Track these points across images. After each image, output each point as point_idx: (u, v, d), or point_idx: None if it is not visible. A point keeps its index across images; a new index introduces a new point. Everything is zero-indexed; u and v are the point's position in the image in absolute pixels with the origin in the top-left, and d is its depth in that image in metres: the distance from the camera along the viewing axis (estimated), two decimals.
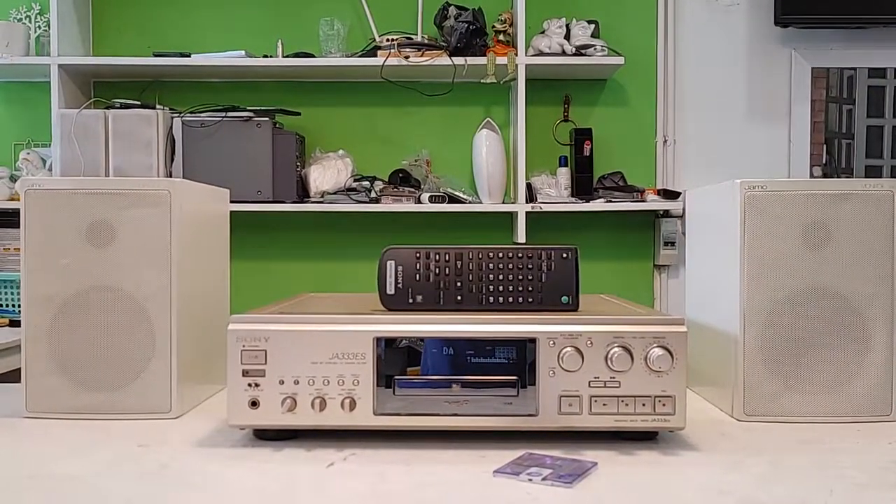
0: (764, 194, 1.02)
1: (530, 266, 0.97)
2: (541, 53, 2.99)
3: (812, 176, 3.39)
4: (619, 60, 2.98)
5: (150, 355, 1.02)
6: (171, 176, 2.90)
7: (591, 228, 3.17)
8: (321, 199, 2.98)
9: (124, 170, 2.85)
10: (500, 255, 0.97)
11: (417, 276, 0.97)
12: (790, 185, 1.02)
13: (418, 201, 2.99)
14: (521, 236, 2.96)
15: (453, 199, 2.99)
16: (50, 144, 3.00)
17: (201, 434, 0.95)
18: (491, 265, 0.97)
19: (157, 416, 1.02)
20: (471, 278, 0.97)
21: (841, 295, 1.01)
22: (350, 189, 2.99)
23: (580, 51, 2.97)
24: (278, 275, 3.19)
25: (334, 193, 2.98)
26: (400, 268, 0.97)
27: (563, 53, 2.98)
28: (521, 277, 0.97)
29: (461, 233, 3.16)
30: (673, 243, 3.13)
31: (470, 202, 3.01)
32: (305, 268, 3.20)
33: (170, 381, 1.02)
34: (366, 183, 3.01)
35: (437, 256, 0.97)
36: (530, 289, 0.97)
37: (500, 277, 0.97)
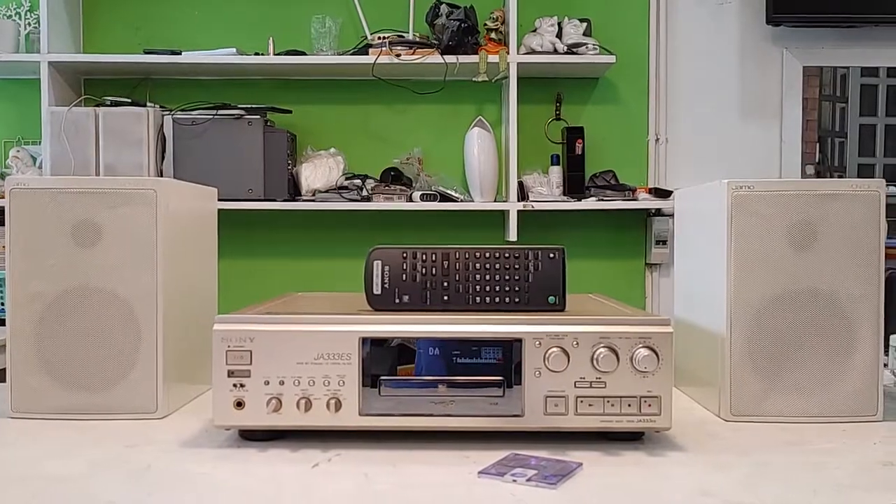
0: (751, 194, 1.02)
1: (517, 266, 0.97)
2: (533, 52, 2.99)
3: (805, 174, 3.40)
4: (611, 59, 2.98)
5: (136, 356, 1.01)
6: (161, 174, 2.89)
7: (583, 227, 3.17)
8: (312, 198, 2.97)
9: (115, 168, 2.84)
10: (487, 255, 0.97)
11: (404, 275, 0.96)
12: (777, 185, 1.02)
13: (410, 199, 2.98)
14: (512, 235, 2.96)
15: (445, 198, 2.99)
16: (40, 142, 2.99)
17: (187, 434, 0.95)
18: (478, 265, 0.97)
19: (143, 416, 1.02)
20: (457, 278, 0.96)
21: (827, 295, 1.01)
22: (341, 187, 2.99)
23: (572, 49, 2.97)
24: (269, 273, 3.19)
25: (326, 192, 2.98)
26: (386, 268, 0.97)
27: (555, 52, 2.98)
28: (507, 277, 0.96)
29: (453, 231, 3.15)
30: (664, 242, 3.14)
31: (462, 200, 3.01)
32: (296, 266, 3.20)
33: (156, 381, 1.02)
34: (357, 181, 3.01)
35: (424, 256, 0.97)
36: (517, 289, 0.96)
37: (487, 277, 0.96)
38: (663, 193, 3.03)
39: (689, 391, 1.17)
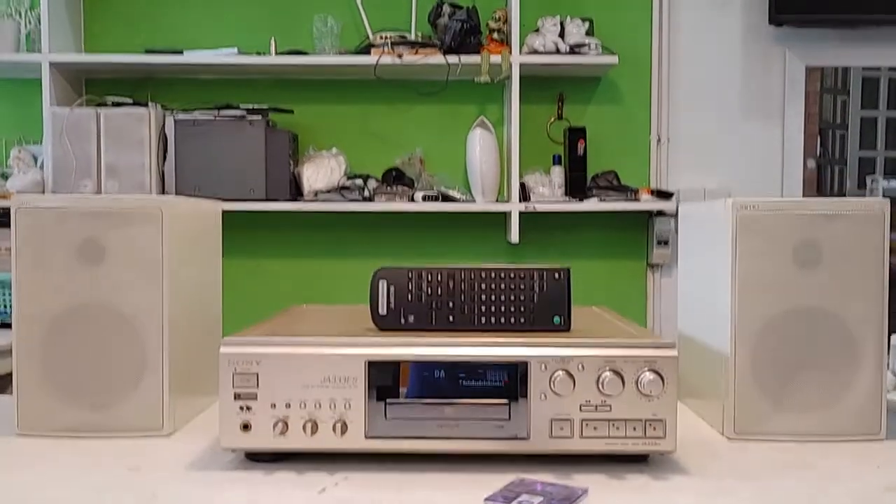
0: (756, 214, 1.02)
1: (522, 286, 0.97)
2: (535, 52, 2.99)
3: (806, 168, 3.39)
4: (613, 59, 2.97)
5: (141, 374, 1.02)
6: (163, 174, 2.89)
7: (585, 228, 3.17)
8: (314, 198, 2.97)
9: (116, 168, 2.84)
10: (493, 275, 0.97)
11: (409, 296, 0.97)
12: (782, 204, 1.02)
13: (412, 200, 2.98)
14: (514, 236, 2.96)
15: (447, 198, 2.99)
16: (41, 142, 2.98)
17: (193, 455, 0.95)
18: (483, 285, 0.97)
19: (149, 433, 1.02)
20: (463, 298, 0.97)
21: (832, 315, 1.01)
22: (343, 188, 2.99)
23: (574, 49, 2.97)
24: (271, 273, 3.19)
25: (327, 192, 2.97)
26: (392, 288, 0.97)
27: (558, 52, 2.97)
28: (512, 298, 0.97)
29: (454, 232, 3.16)
30: (666, 242, 3.14)
31: (463, 201, 3.01)
32: (298, 266, 3.20)
33: (161, 399, 1.02)
34: (359, 181, 3.01)
35: (430, 277, 0.97)
36: (522, 309, 0.97)
37: (493, 298, 0.97)
38: (665, 195, 3.04)
39: (691, 404, 1.17)
